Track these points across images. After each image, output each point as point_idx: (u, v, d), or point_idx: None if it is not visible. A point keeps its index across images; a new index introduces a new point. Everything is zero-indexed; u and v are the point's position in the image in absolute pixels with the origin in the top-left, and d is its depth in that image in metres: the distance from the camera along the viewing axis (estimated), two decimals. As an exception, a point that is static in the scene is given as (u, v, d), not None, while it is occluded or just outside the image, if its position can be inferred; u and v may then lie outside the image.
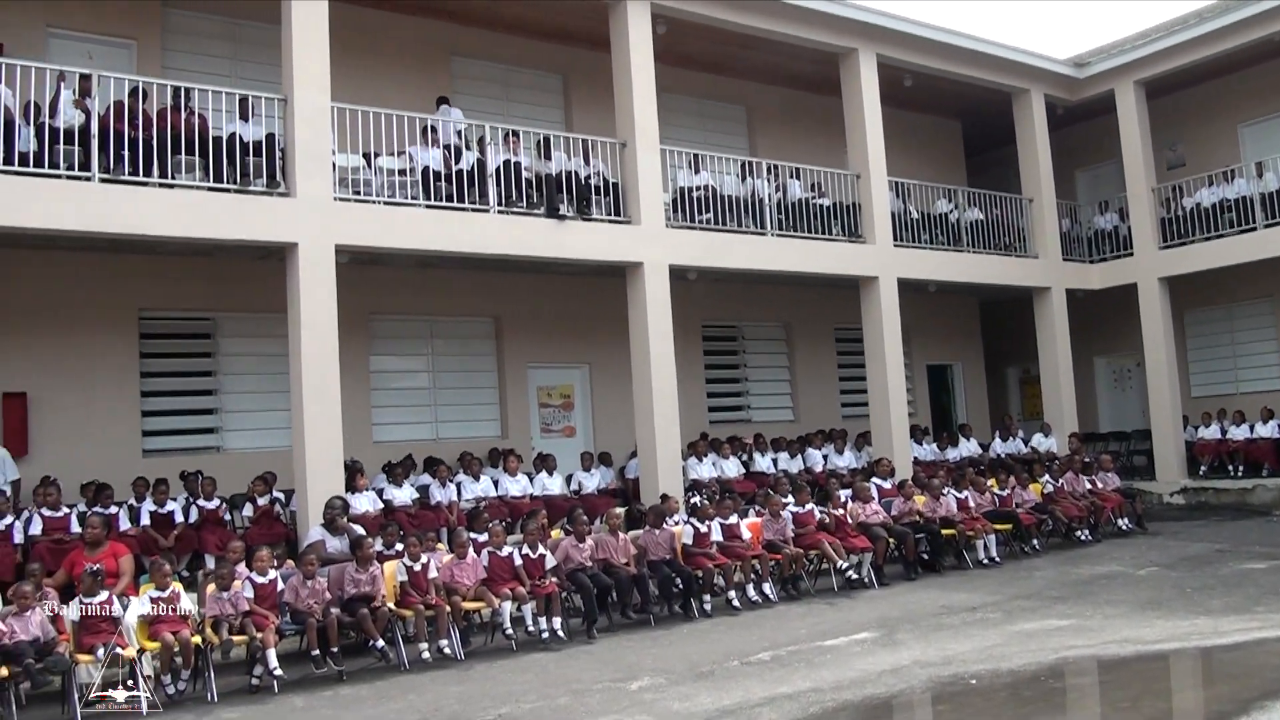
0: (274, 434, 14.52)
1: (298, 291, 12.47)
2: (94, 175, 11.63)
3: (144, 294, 14.19)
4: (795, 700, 8.14)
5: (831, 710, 7.87)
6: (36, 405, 13.39)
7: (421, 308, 16.41)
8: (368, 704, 8.92)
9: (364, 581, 10.29)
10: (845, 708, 7.93)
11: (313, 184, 12.63)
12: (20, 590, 8.98)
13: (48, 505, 11.89)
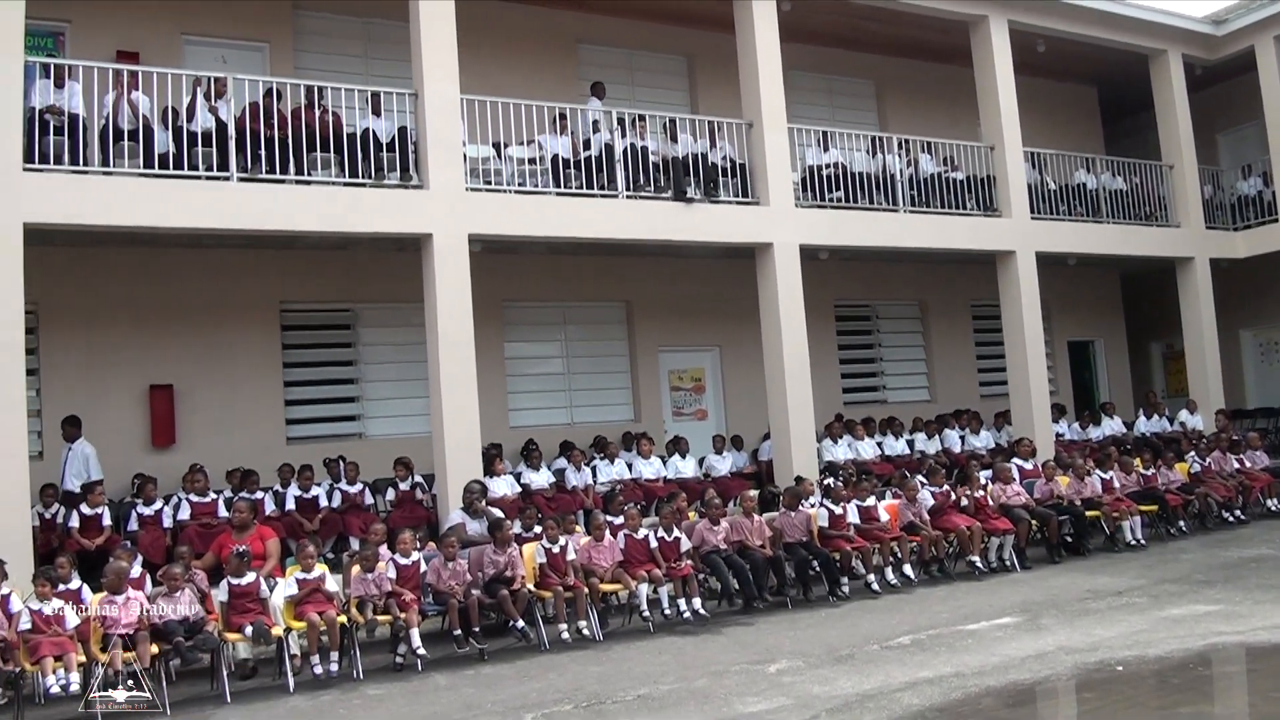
0: (414, 420, 14.87)
1: (433, 281, 12.74)
2: (232, 175, 12.07)
3: (284, 287, 14.69)
4: (937, 685, 8.03)
5: (975, 695, 7.74)
6: (183, 397, 13.97)
7: (553, 293, 16.59)
8: (509, 683, 9.08)
9: (503, 563, 10.47)
10: (988, 693, 7.79)
11: (445, 175, 12.87)
12: (170, 572, 9.41)
13: (196, 491, 12.42)
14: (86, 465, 12.40)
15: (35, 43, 13.01)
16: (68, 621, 8.80)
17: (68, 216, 11.28)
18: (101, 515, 11.75)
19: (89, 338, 13.56)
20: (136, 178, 11.78)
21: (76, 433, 12.49)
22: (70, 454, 12.44)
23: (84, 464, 12.39)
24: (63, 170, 11.47)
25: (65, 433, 12.52)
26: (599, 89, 15.82)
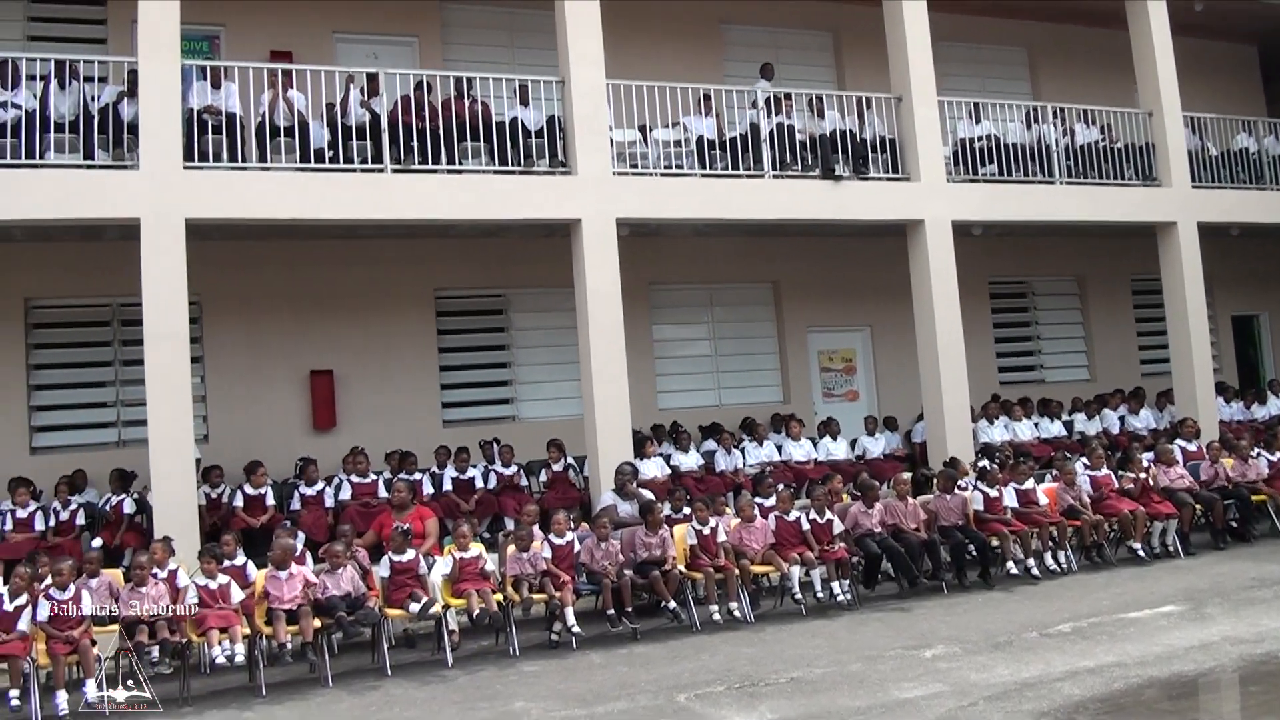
0: (565, 403, 15.06)
1: (582, 265, 12.88)
2: (386, 167, 12.40)
3: (438, 275, 15.07)
4: (1098, 675, 7.80)
5: (1137, 686, 7.50)
6: (342, 381, 14.49)
7: (701, 275, 16.56)
8: (662, 663, 9.13)
9: (654, 544, 10.52)
10: (1151, 684, 7.54)
11: (592, 161, 12.97)
12: (332, 550, 9.73)
13: (356, 472, 12.86)
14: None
15: (191, 46, 13.60)
16: (233, 596, 9.22)
17: (227, 211, 11.80)
18: (265, 495, 12.35)
19: (250, 326, 14.17)
20: (293, 172, 12.23)
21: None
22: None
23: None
24: (221, 167, 11.99)
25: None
26: (768, 70, 15.58)
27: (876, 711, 7.29)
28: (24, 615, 8.65)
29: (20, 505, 11.83)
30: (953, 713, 7.16)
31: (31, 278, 13.60)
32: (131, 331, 13.25)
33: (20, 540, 11.48)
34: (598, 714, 7.67)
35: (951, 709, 7.23)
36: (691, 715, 7.51)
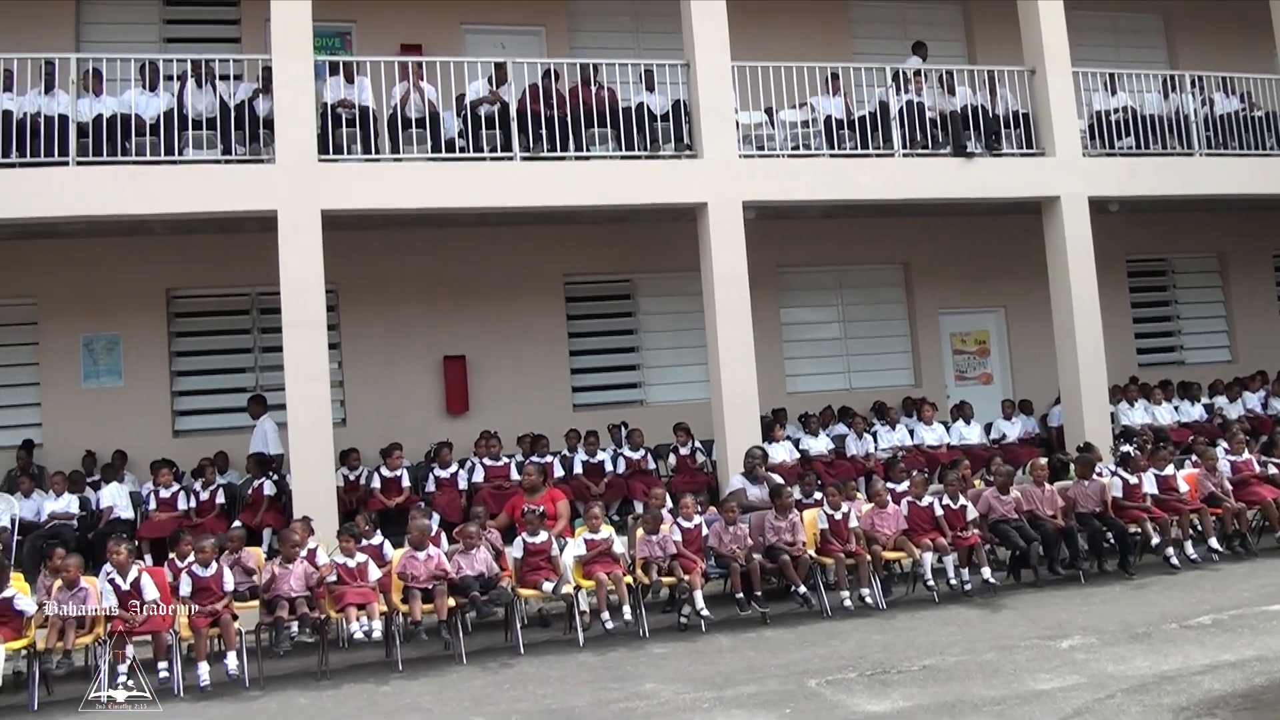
0: (693, 387, 15.08)
1: (709, 249, 12.86)
2: (515, 155, 12.57)
3: (566, 260, 15.22)
4: (1239, 669, 7.50)
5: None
6: (475, 367, 14.79)
7: (829, 258, 16.39)
8: (791, 647, 9.08)
9: (784, 529, 10.45)
10: (1295, 680, 7.23)
11: (718, 144, 12.96)
12: (466, 530, 9.94)
13: (489, 455, 13.12)
14: (266, 440, 13.24)
15: (324, 42, 13.98)
16: (371, 574, 9.46)
17: (361, 202, 12.16)
18: (401, 477, 12.71)
19: (385, 313, 14.57)
20: (424, 163, 12.53)
21: (261, 410, 13.41)
22: (256, 430, 13.31)
23: (263, 439, 13.24)
24: (355, 159, 12.33)
25: (252, 410, 13.49)
26: (920, 48, 15.23)
27: (1011, 702, 7.13)
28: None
29: (163, 486, 12.42)
30: (1089, 705, 6.96)
31: (172, 270, 14.23)
32: (270, 319, 13.67)
33: (164, 519, 12.01)
34: (727, 697, 7.66)
35: (1088, 701, 7.03)
36: (822, 701, 7.44)
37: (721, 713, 7.28)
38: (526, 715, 7.52)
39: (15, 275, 13.78)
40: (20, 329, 14.15)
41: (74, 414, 13.83)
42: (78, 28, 14.52)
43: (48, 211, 11.57)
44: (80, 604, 8.91)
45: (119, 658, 8.61)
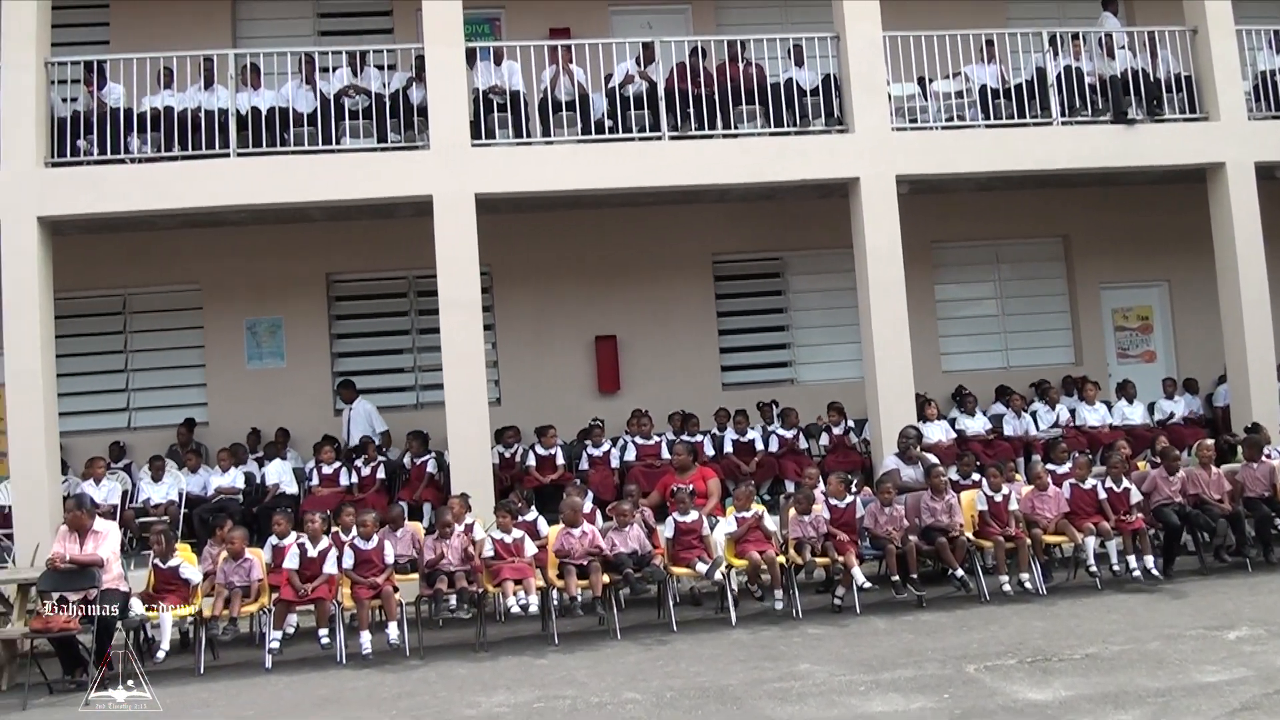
0: (845, 365, 14.88)
1: (861, 225, 12.66)
2: (664, 134, 12.55)
3: (716, 239, 15.17)
4: None
5: None
6: (625, 346, 14.92)
7: (985, 232, 15.94)
8: (949, 632, 8.90)
9: (940, 510, 10.24)
10: None
11: (870, 118, 12.73)
12: (620, 508, 10.02)
13: (640, 434, 13.21)
14: (370, 421, 13.65)
15: (474, 30, 14.20)
16: (527, 550, 9.62)
17: (513, 185, 12.32)
18: (555, 455, 12.94)
19: (537, 294, 14.80)
20: (575, 145, 12.62)
21: (354, 395, 13.78)
22: (352, 413, 13.67)
23: (367, 420, 13.64)
24: (507, 143, 12.50)
25: (344, 395, 13.87)
26: (1112, 4, 14.70)
27: (1177, 694, 6.86)
28: (329, 560, 9.41)
29: (325, 462, 12.85)
30: (1257, 700, 6.65)
31: (332, 254, 14.72)
32: (427, 302, 14.08)
33: (327, 494, 12.45)
34: (884, 681, 7.56)
35: (1256, 696, 6.72)
36: (981, 688, 7.27)
37: (878, 696, 7.19)
38: (681, 692, 7.53)
39: (182, 263, 14.46)
40: (187, 314, 14.87)
41: (238, 394, 14.48)
42: (234, 25, 15.15)
43: (211, 201, 12.08)
44: (245, 575, 9.36)
45: (281, 624, 9.13)
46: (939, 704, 6.92)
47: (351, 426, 13.69)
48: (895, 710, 6.85)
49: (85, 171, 12.02)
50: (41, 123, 11.93)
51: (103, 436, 14.19)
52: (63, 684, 8.95)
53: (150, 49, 12.74)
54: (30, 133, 11.79)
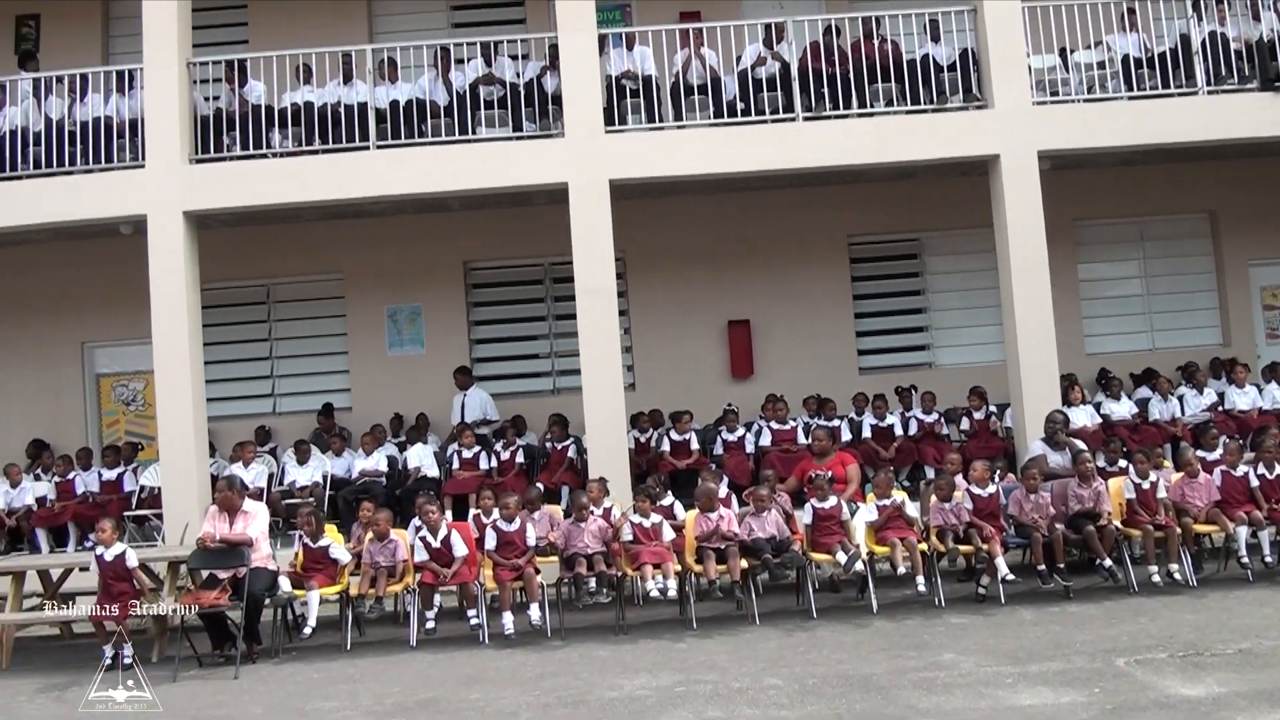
0: (985, 348, 14.61)
1: (1001, 204, 12.37)
2: (797, 116, 12.43)
3: (851, 221, 15.01)
4: None
5: None
6: (759, 330, 14.87)
7: (1128, 209, 15.43)
8: (1096, 623, 8.68)
9: (1087, 498, 9.95)
10: None
11: (1009, 92, 12.43)
12: (757, 494, 9.97)
13: (776, 419, 13.15)
14: (484, 408, 13.89)
15: (605, 16, 14.19)
16: (665, 534, 9.67)
17: (647, 171, 12.36)
18: (689, 440, 12.93)
19: (671, 279, 14.87)
20: (707, 128, 12.58)
21: (469, 381, 14.03)
22: (466, 399, 13.87)
23: (481, 407, 13.89)
24: (640, 129, 12.53)
25: (459, 381, 14.05)
26: None
27: (1339, 693, 6.58)
28: (455, 542, 9.62)
29: (466, 446, 13.08)
30: None
31: (469, 243, 15.00)
32: (562, 288, 14.27)
33: (467, 477, 12.70)
34: (1031, 673, 7.39)
35: None
36: (1131, 681, 7.06)
37: (1026, 688, 7.03)
38: (823, 680, 7.48)
39: (325, 253, 14.91)
40: (330, 302, 15.38)
41: (379, 380, 14.85)
42: (370, 21, 15.53)
43: (351, 193, 12.39)
44: (391, 555, 9.63)
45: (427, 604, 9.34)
46: (1089, 698, 6.74)
47: (465, 413, 13.93)
48: (1044, 704, 6.69)
49: (229, 167, 12.47)
50: (185, 121, 12.38)
51: (249, 421, 14.76)
52: (212, 657, 9.35)
53: (289, 47, 13.09)
54: (174, 131, 12.25)
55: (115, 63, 14.31)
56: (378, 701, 7.75)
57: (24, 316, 15.24)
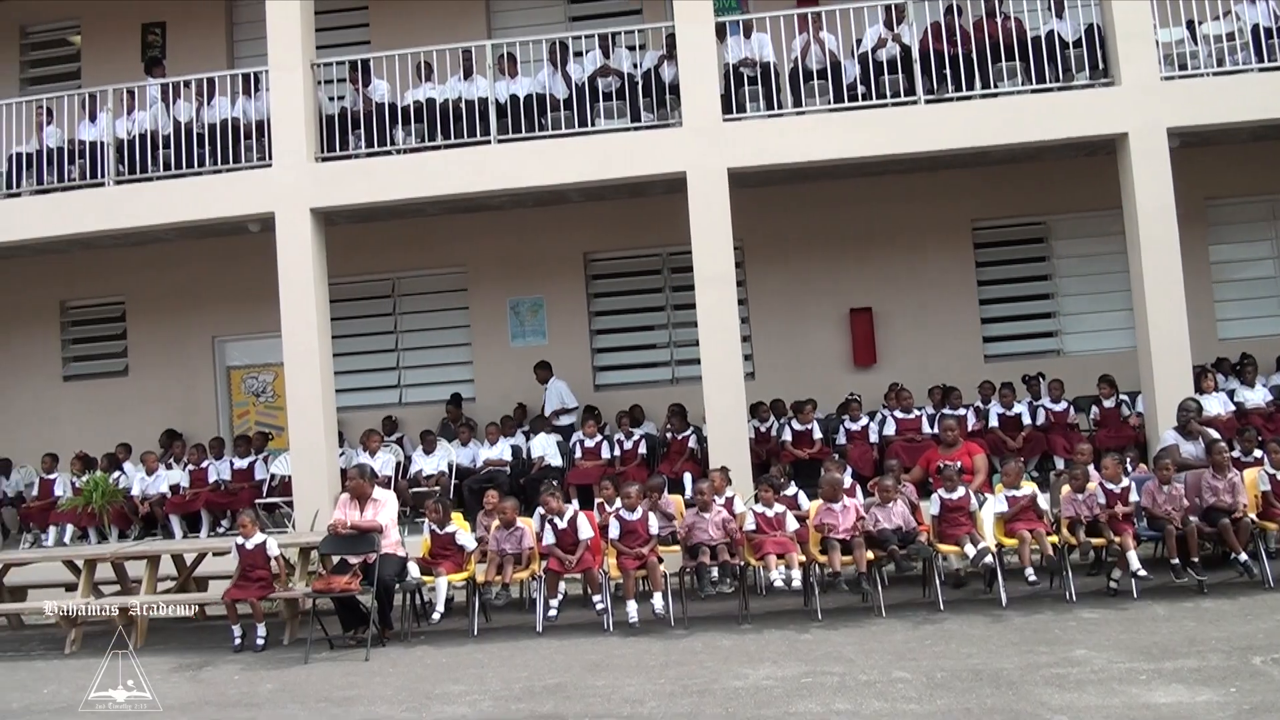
0: (1114, 335, 14.25)
1: (1130, 184, 11.98)
2: (919, 98, 12.23)
3: (974, 205, 14.71)
4: None
5: None
6: (881, 318, 14.69)
7: (1261, 186, 14.74)
8: (1232, 620, 8.41)
9: (1223, 489, 9.63)
10: None
11: (1136, 67, 12.02)
12: (883, 484, 9.93)
13: (900, 408, 13.02)
14: (560, 398, 14.12)
15: (722, 4, 14.16)
16: (789, 524, 9.66)
17: (765, 158, 12.27)
18: (812, 430, 12.87)
19: (790, 267, 14.78)
20: (826, 114, 12.44)
21: (548, 374, 14.31)
22: (548, 391, 14.19)
23: (559, 397, 14.15)
24: (758, 116, 12.46)
25: (539, 376, 14.33)
26: None
27: None
28: (581, 526, 9.77)
29: (589, 436, 13.22)
30: None
31: (588, 234, 15.14)
32: (680, 278, 14.34)
33: (589, 467, 12.85)
34: (1166, 670, 7.20)
35: None
36: (1270, 682, 6.82)
37: (1160, 686, 6.85)
38: (953, 674, 7.40)
39: (448, 247, 15.20)
40: (453, 295, 15.66)
41: (502, 371, 15.04)
42: (489, 17, 15.74)
43: (474, 187, 12.59)
44: (517, 542, 9.82)
45: (552, 592, 9.49)
46: (1225, 697, 6.54)
47: (546, 403, 14.28)
48: (1179, 702, 6.52)
49: (354, 164, 12.78)
50: (310, 121, 12.75)
51: (376, 412, 15.15)
52: (343, 640, 9.65)
53: (410, 45, 13.36)
54: (300, 130, 12.61)
55: (240, 66, 14.84)
56: (505, 686, 7.90)
57: (158, 312, 15.94)
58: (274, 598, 9.96)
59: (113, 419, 15.58)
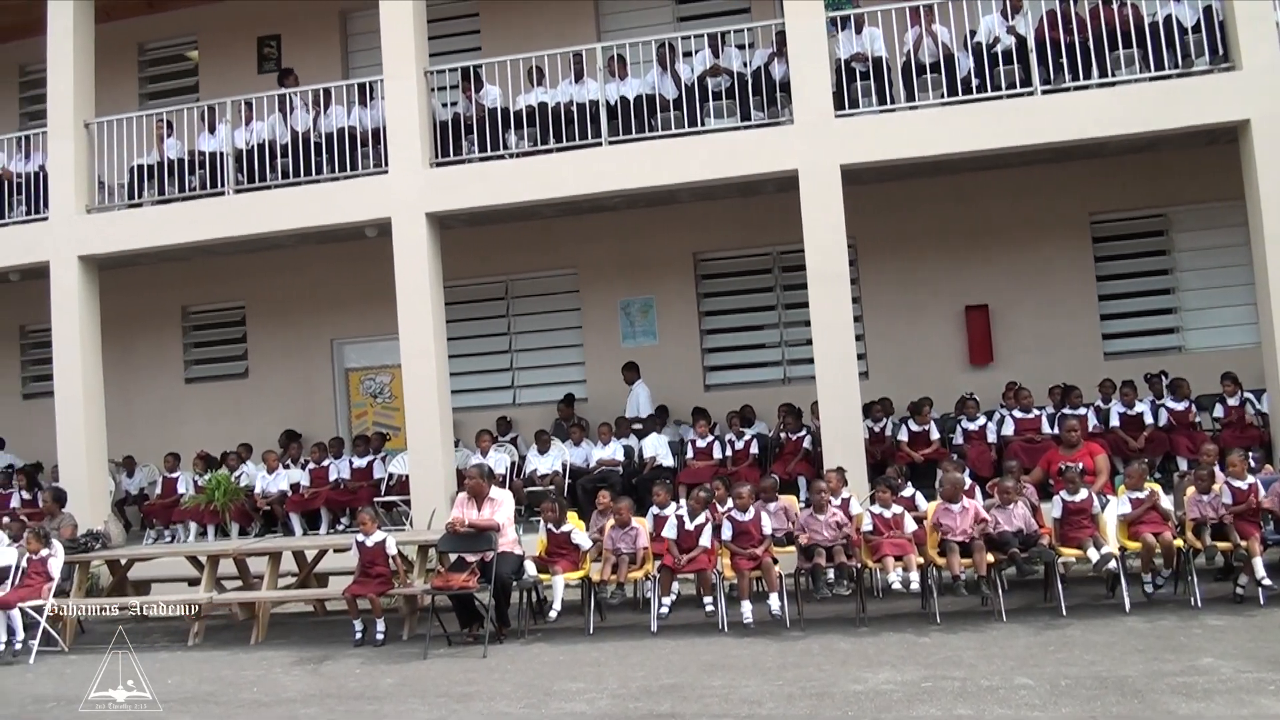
0: (1238, 330, 13.79)
1: (1254, 173, 11.52)
2: (1035, 89, 11.97)
3: (1092, 198, 14.33)
4: None
5: None
6: (997, 315, 14.41)
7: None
8: (1367, 628, 8.14)
9: (1356, 491, 9.33)
10: None
11: (1258, 52, 11.55)
12: (1003, 485, 9.74)
13: (1019, 407, 12.75)
14: (638, 402, 14.17)
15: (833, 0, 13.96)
16: (906, 525, 9.57)
17: (878, 154, 12.15)
18: (929, 430, 12.73)
19: (904, 264, 14.61)
20: (939, 108, 12.28)
21: (635, 376, 14.44)
22: (631, 394, 14.30)
23: (635, 402, 14.23)
24: (870, 112, 12.32)
25: (626, 376, 14.47)
26: None
27: None
28: (704, 532, 9.77)
29: (700, 436, 13.26)
30: None
31: (698, 234, 15.15)
32: (791, 277, 14.28)
33: (701, 467, 12.87)
34: (1296, 680, 6.99)
35: None
36: None
37: (1292, 698, 6.65)
38: (1077, 681, 7.26)
39: (561, 249, 15.38)
40: (566, 296, 15.83)
41: (614, 371, 15.07)
42: (598, 20, 15.83)
43: (586, 189, 12.70)
44: (631, 542, 9.91)
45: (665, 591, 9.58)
46: (1358, 711, 6.33)
47: (628, 405, 14.43)
48: (1311, 714, 6.32)
49: (468, 169, 12.99)
50: (425, 127, 13.00)
51: (491, 412, 15.38)
52: (460, 637, 9.83)
53: (520, 50, 13.54)
54: (415, 137, 12.87)
55: (355, 75, 15.21)
56: (623, 685, 7.98)
57: (278, 315, 16.42)
58: (393, 594, 10.21)
59: (233, 420, 16.13)
